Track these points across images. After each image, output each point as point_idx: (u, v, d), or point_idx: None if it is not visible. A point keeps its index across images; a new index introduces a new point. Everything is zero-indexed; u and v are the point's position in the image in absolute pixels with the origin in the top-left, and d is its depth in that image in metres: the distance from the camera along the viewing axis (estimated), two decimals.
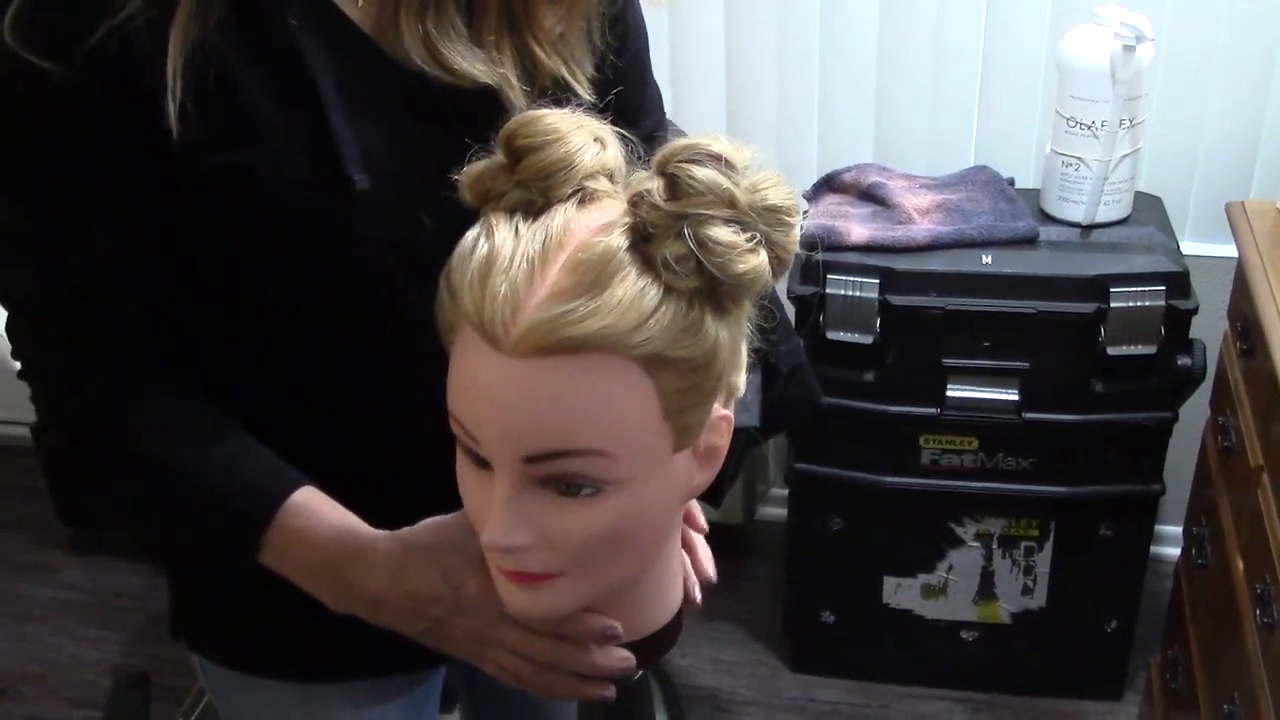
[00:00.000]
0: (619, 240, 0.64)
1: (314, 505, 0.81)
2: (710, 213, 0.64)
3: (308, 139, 0.77)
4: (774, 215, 0.66)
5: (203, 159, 0.75)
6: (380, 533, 0.81)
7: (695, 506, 0.86)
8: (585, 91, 0.83)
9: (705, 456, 0.71)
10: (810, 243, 1.82)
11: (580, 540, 0.68)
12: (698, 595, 0.84)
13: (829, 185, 2.00)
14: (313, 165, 0.77)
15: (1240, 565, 1.50)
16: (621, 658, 0.78)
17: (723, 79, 2.13)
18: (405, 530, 0.81)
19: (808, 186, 2.02)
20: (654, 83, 1.00)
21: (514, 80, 0.80)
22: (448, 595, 0.78)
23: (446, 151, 0.77)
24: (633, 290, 0.63)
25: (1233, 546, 1.54)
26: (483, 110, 0.79)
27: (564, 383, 0.63)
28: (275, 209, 0.77)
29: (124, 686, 2.09)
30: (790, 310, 1.81)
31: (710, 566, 0.86)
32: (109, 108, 0.74)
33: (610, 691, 0.79)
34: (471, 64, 0.79)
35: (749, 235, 0.65)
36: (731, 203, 0.64)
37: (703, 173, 0.64)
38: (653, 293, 0.64)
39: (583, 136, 0.68)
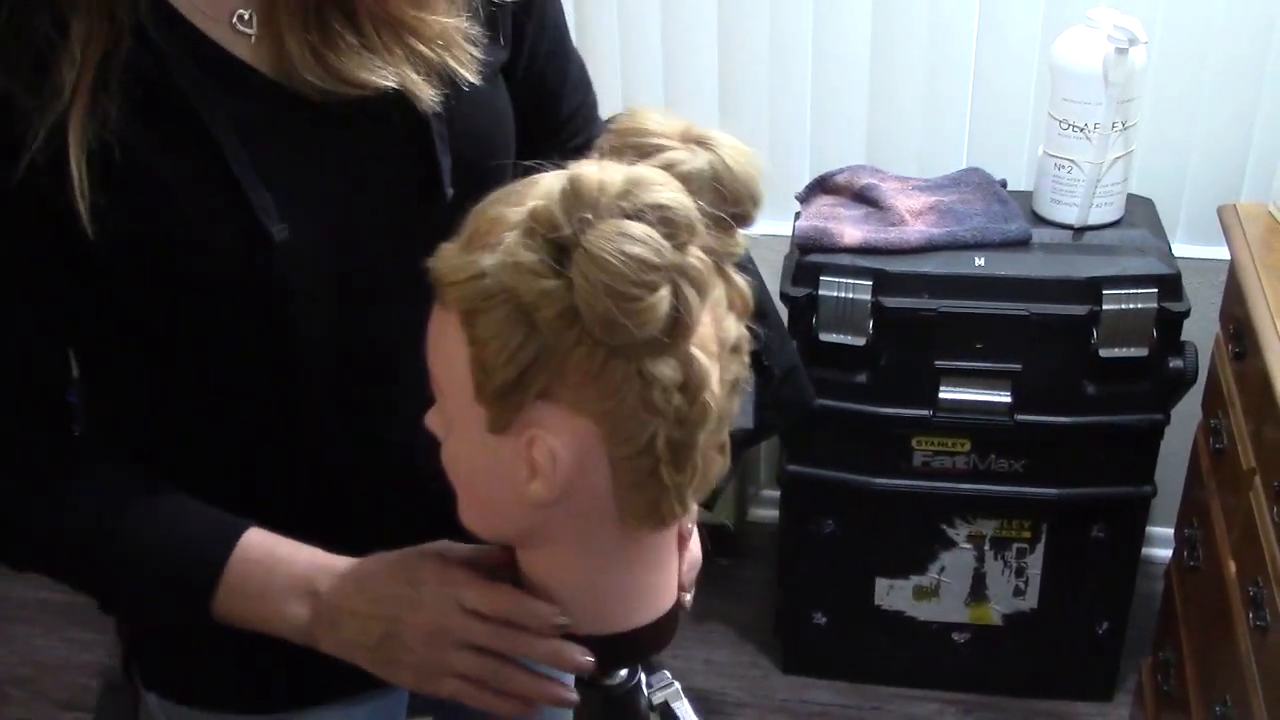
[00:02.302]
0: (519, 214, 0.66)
1: (268, 539, 0.81)
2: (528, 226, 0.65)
3: (221, 197, 0.75)
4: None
5: (122, 237, 0.74)
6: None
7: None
8: (472, 74, 0.82)
9: (531, 468, 0.70)
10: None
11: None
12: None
13: (822, 187, 2.00)
14: (230, 223, 0.76)
15: (1233, 568, 1.50)
16: (580, 651, 0.76)
17: (715, 80, 2.13)
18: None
19: (800, 188, 2.02)
20: (576, 57, 0.98)
21: (416, 77, 0.79)
22: (406, 593, 0.77)
23: (370, 167, 0.76)
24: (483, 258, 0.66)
25: (1225, 549, 1.54)
26: (396, 116, 0.79)
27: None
28: (200, 272, 0.76)
29: (113, 689, 2.07)
30: (783, 312, 1.81)
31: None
32: (17, 220, 0.73)
33: (571, 695, 0.78)
34: (370, 71, 0.77)
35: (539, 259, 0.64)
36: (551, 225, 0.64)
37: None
38: (487, 262, 0.65)
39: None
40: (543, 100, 0.93)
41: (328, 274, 0.79)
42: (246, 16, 0.77)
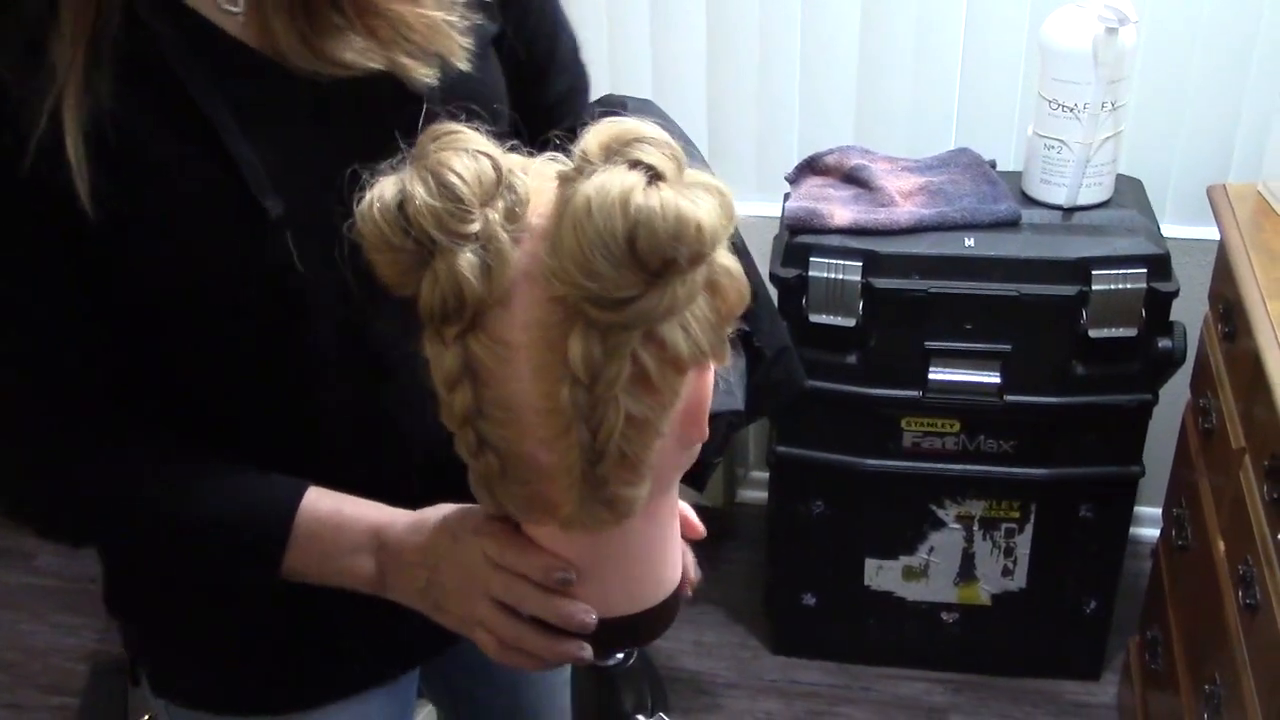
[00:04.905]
0: None
1: (331, 496, 0.83)
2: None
3: (215, 174, 0.75)
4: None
5: (120, 219, 0.73)
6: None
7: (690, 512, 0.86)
8: (463, 62, 0.81)
9: None
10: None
11: None
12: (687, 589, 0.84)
13: (811, 168, 1.99)
14: (225, 200, 0.75)
15: (1221, 547, 1.50)
16: (582, 610, 0.77)
17: (704, 61, 2.12)
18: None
19: (790, 169, 2.01)
20: (568, 34, 0.97)
21: (405, 60, 0.78)
22: (445, 543, 0.79)
23: (365, 142, 0.75)
24: None
25: (1214, 528, 1.55)
26: (391, 93, 0.78)
27: None
28: (198, 250, 0.76)
29: (101, 674, 2.07)
30: (773, 293, 1.81)
31: (693, 571, 0.85)
32: (29, 208, 0.72)
33: (584, 653, 0.78)
34: (359, 54, 0.77)
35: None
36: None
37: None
38: None
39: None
40: (529, 77, 0.92)
41: (325, 248, 0.78)
42: None
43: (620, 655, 0.82)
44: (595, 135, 0.64)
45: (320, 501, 0.82)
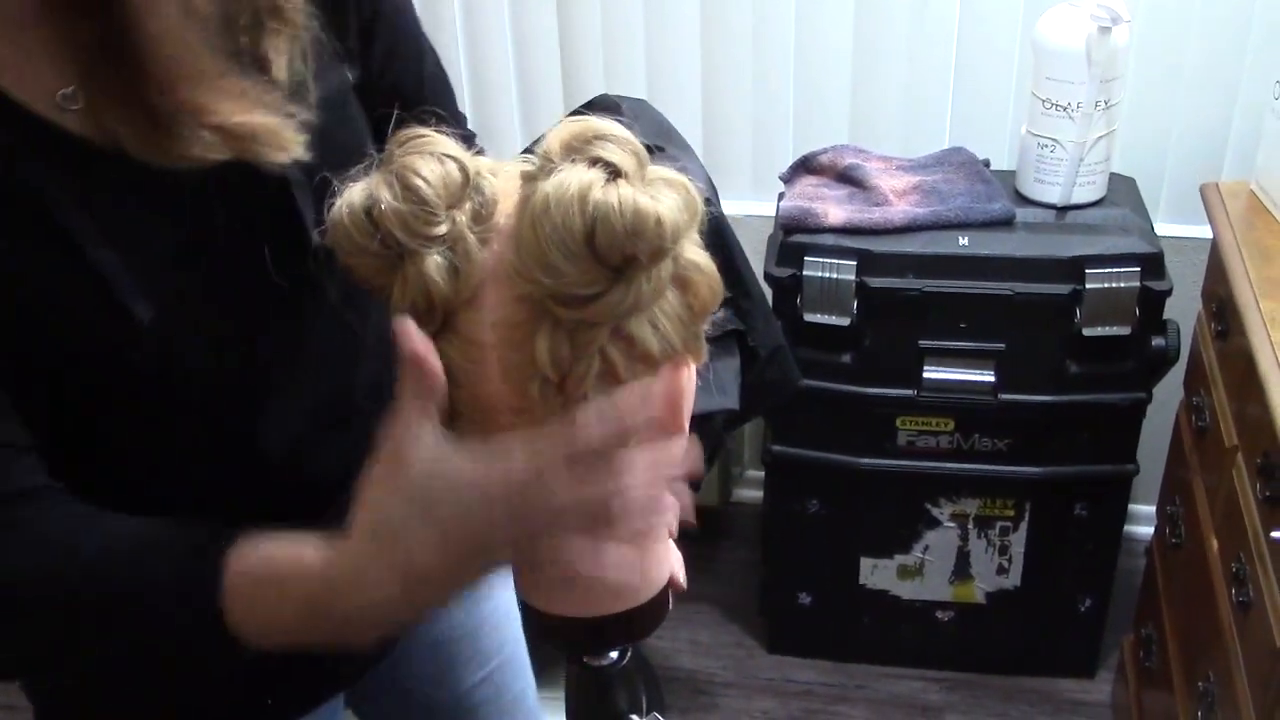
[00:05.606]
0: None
1: (252, 547, 0.68)
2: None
3: (79, 285, 0.70)
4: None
5: None
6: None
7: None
8: (303, 154, 0.74)
9: None
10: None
11: None
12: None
13: (805, 167, 2.00)
14: (92, 310, 0.71)
15: (1215, 545, 1.51)
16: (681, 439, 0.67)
17: (699, 60, 2.12)
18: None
19: (784, 168, 2.01)
20: (432, 60, 0.92)
21: (257, 144, 0.73)
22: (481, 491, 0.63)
23: (234, 227, 0.73)
24: None
25: (1207, 526, 1.55)
26: (249, 181, 0.74)
27: None
28: (70, 363, 0.73)
29: None
30: (768, 292, 1.81)
31: (681, 574, 0.83)
32: None
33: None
34: (205, 147, 0.71)
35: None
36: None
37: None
38: None
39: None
40: (400, 107, 0.88)
41: (202, 344, 0.76)
42: (70, 93, 0.71)
43: (614, 654, 0.82)
44: (557, 135, 0.64)
45: (243, 556, 0.67)
